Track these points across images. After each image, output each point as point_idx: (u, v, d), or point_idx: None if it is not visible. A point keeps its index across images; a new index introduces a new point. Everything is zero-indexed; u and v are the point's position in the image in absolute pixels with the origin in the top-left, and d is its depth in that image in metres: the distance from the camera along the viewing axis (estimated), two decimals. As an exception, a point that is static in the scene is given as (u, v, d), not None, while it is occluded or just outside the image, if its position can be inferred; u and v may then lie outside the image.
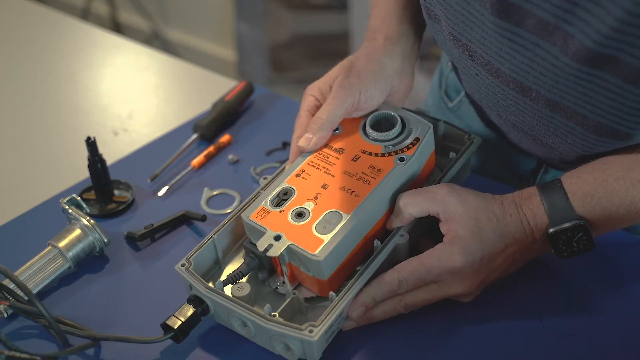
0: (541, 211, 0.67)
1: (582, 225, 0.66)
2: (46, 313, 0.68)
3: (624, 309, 0.70)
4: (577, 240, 0.67)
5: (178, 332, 0.66)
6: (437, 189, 0.69)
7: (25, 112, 1.08)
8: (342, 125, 0.76)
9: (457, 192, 0.69)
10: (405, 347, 0.68)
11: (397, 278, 0.67)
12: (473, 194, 0.69)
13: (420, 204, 0.69)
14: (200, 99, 1.06)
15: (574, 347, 0.67)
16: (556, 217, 0.67)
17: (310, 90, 0.79)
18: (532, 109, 0.71)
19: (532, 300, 0.71)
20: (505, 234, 0.67)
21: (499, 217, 0.67)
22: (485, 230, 0.67)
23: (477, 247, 0.66)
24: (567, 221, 0.66)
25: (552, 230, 0.67)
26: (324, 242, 0.66)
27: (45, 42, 1.26)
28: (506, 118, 0.77)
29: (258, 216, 0.69)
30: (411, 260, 0.68)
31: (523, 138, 0.78)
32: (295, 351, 0.64)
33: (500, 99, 0.74)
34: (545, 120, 0.72)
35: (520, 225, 0.67)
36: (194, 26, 2.90)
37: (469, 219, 0.67)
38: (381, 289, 0.68)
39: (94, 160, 0.83)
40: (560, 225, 0.66)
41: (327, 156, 0.73)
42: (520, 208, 0.68)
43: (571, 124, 0.69)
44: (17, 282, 0.70)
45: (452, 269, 0.66)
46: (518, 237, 0.67)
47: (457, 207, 0.67)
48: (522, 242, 0.68)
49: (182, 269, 0.68)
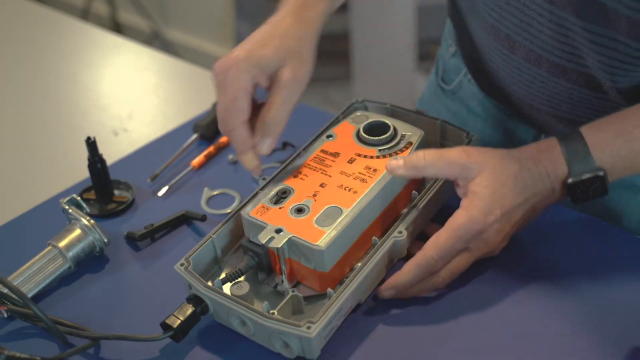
0: (561, 162, 0.69)
1: (602, 175, 0.68)
2: (43, 316, 0.68)
3: (624, 309, 0.70)
4: (593, 189, 0.68)
5: (177, 331, 0.66)
6: (455, 154, 0.70)
7: (25, 112, 1.08)
8: (335, 133, 0.78)
9: (474, 155, 0.69)
10: (405, 345, 0.68)
11: (432, 257, 0.68)
12: (488, 153, 0.70)
13: (441, 169, 0.70)
14: (200, 99, 1.06)
15: (574, 347, 0.67)
16: (576, 168, 0.68)
17: (245, 67, 0.70)
18: None
19: (532, 300, 0.71)
20: (524, 189, 0.69)
21: (516, 173, 0.69)
22: (503, 189, 0.68)
23: (497, 205, 0.68)
24: (587, 172, 0.68)
25: (571, 180, 0.68)
26: (326, 233, 0.66)
27: (45, 42, 1.26)
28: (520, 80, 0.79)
29: (258, 213, 0.70)
30: (438, 236, 0.68)
31: (532, 102, 0.81)
32: (293, 348, 0.64)
33: None
34: None
35: (539, 178, 0.69)
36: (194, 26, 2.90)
37: (487, 179, 0.68)
38: (415, 273, 0.69)
39: (94, 160, 0.83)
40: (580, 177, 0.68)
41: (323, 159, 0.75)
42: (539, 161, 0.69)
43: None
44: (11, 287, 0.69)
45: (477, 231, 0.68)
46: (536, 190, 0.69)
47: (475, 170, 0.69)
48: (540, 194, 0.69)
49: (181, 269, 0.68)
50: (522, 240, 0.77)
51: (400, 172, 0.71)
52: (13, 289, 0.69)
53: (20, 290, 0.69)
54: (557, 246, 0.77)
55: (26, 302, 0.68)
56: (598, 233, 0.79)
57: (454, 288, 0.73)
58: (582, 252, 0.76)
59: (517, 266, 0.75)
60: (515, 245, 0.77)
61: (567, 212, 0.82)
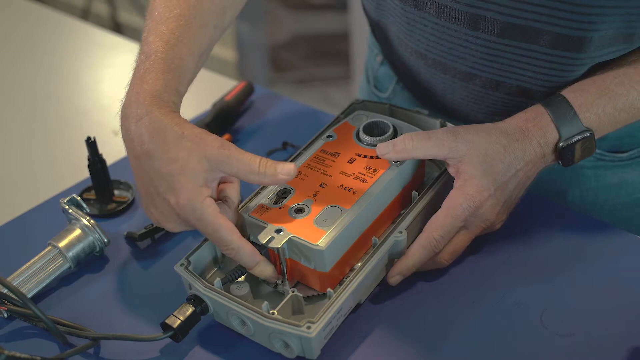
0: (551, 127, 0.70)
1: (590, 135, 0.70)
2: (43, 316, 0.68)
3: (624, 309, 0.70)
4: (582, 149, 0.71)
5: (177, 331, 0.66)
6: (442, 135, 0.71)
7: (25, 112, 1.08)
8: (335, 133, 0.78)
9: (460, 134, 0.70)
10: (404, 345, 0.68)
11: (433, 238, 0.70)
12: (474, 130, 0.71)
13: (429, 150, 0.71)
14: (200, 99, 1.06)
15: (574, 347, 0.67)
16: (566, 131, 0.70)
17: (199, 196, 0.65)
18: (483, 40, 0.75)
19: (532, 300, 0.71)
20: (514, 160, 0.70)
21: (505, 146, 0.70)
22: (494, 163, 0.69)
23: (490, 181, 0.69)
24: (577, 134, 0.70)
25: (562, 144, 0.70)
26: (325, 233, 0.66)
27: (45, 42, 1.26)
28: (454, 67, 0.80)
29: (258, 212, 0.69)
30: (436, 217, 0.70)
31: (467, 96, 0.82)
32: (293, 348, 0.64)
33: (452, 39, 0.77)
34: (495, 51, 0.75)
35: (529, 147, 0.70)
36: (194, 26, 2.89)
37: (476, 157, 0.69)
38: (420, 255, 0.70)
39: (94, 160, 0.83)
40: (570, 140, 0.70)
41: (323, 159, 0.75)
42: (528, 130, 0.70)
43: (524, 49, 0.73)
44: (10, 288, 0.69)
45: (474, 208, 0.69)
46: (527, 159, 0.70)
47: (463, 149, 0.70)
48: (531, 162, 0.71)
49: (181, 269, 0.68)
50: (522, 241, 0.77)
51: (390, 156, 0.72)
52: (13, 289, 0.69)
53: (20, 291, 0.69)
54: (557, 246, 0.77)
55: (26, 302, 0.68)
56: (598, 233, 0.79)
57: (454, 288, 0.73)
58: (582, 251, 0.76)
59: (517, 266, 0.75)
60: (515, 245, 0.77)
61: (568, 212, 0.82)
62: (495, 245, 0.77)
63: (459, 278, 0.74)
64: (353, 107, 0.83)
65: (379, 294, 0.72)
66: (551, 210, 0.82)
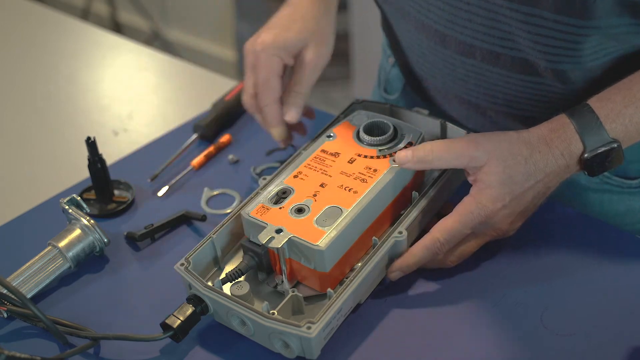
0: (575, 138, 0.69)
1: (617, 147, 0.68)
2: (42, 316, 0.68)
3: (624, 308, 0.70)
4: (609, 160, 0.69)
5: (177, 331, 0.66)
6: (463, 145, 0.70)
7: (25, 112, 1.08)
8: (335, 133, 0.78)
9: (482, 144, 0.69)
10: (404, 345, 0.68)
11: (438, 240, 0.69)
12: (497, 140, 0.70)
13: (450, 161, 0.71)
14: (200, 99, 1.06)
15: (574, 347, 0.67)
16: (591, 142, 0.68)
17: (273, 49, 0.81)
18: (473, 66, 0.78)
19: (532, 299, 0.71)
20: (534, 172, 0.69)
21: (527, 157, 0.69)
22: (513, 175, 0.68)
23: (506, 192, 0.68)
24: (602, 145, 0.68)
25: (587, 155, 0.68)
26: (326, 233, 0.66)
27: (45, 42, 1.26)
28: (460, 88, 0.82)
29: (258, 213, 0.69)
30: (446, 220, 0.70)
31: (467, 111, 0.84)
32: (293, 349, 0.64)
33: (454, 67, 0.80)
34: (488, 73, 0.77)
35: (552, 159, 0.69)
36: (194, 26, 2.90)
37: (496, 167, 0.68)
38: (421, 255, 0.70)
39: (94, 160, 0.83)
40: (596, 151, 0.68)
41: (323, 159, 0.75)
42: (551, 141, 0.69)
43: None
44: (10, 288, 0.69)
45: (485, 217, 0.69)
46: (548, 170, 0.69)
47: (483, 159, 0.69)
48: (553, 172, 0.69)
49: (181, 269, 0.68)
50: (522, 240, 0.77)
51: (409, 166, 0.72)
52: (12, 290, 0.69)
53: (20, 291, 0.69)
54: (557, 246, 0.77)
55: (25, 303, 0.68)
56: (598, 233, 0.79)
57: (454, 288, 0.73)
58: (583, 251, 0.76)
59: (517, 266, 0.75)
60: (515, 245, 0.77)
61: (568, 211, 0.82)
62: (496, 245, 0.77)
63: (459, 278, 0.74)
64: (353, 106, 0.83)
65: (379, 293, 0.72)
66: (551, 211, 0.82)
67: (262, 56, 0.81)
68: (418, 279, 0.74)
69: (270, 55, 0.80)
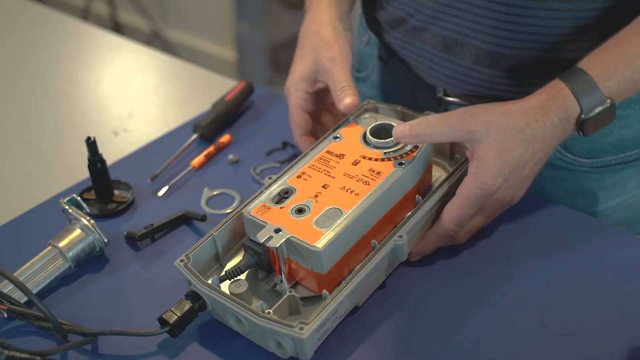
0: (572, 102, 0.69)
1: (611, 105, 0.69)
2: (46, 311, 0.68)
3: (624, 309, 0.70)
4: (602, 119, 0.70)
5: (174, 326, 0.67)
6: (459, 119, 0.70)
7: (25, 112, 1.08)
8: (342, 134, 0.78)
9: (479, 117, 0.70)
10: (402, 346, 0.68)
11: (450, 228, 0.72)
12: (494, 113, 0.70)
13: (447, 135, 0.71)
14: (200, 99, 1.06)
15: (574, 347, 0.67)
16: (587, 104, 0.69)
17: (294, 86, 0.83)
18: None
19: (532, 299, 0.71)
20: (532, 141, 0.69)
21: (524, 128, 0.69)
22: (511, 147, 0.69)
23: (505, 166, 0.69)
24: (598, 105, 0.69)
25: (584, 117, 0.69)
26: (324, 235, 0.66)
27: (45, 42, 1.26)
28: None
29: (259, 212, 0.70)
30: (452, 206, 0.71)
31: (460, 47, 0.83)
32: (287, 349, 0.64)
33: None
34: None
35: (550, 126, 0.69)
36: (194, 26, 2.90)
37: (494, 141, 0.69)
38: (436, 242, 0.73)
39: (94, 160, 0.83)
40: (593, 112, 0.69)
41: (327, 160, 0.74)
42: (548, 109, 0.69)
43: None
44: (16, 283, 0.70)
45: (488, 194, 0.70)
46: (547, 138, 0.70)
47: (481, 132, 0.69)
48: (550, 138, 0.70)
49: (180, 265, 0.68)
50: (522, 241, 0.77)
51: (407, 140, 0.72)
52: (19, 285, 0.70)
53: (26, 286, 0.70)
54: (557, 246, 0.77)
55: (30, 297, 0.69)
56: (598, 233, 0.79)
57: (454, 288, 0.73)
58: (582, 251, 0.76)
59: (517, 266, 0.75)
60: (515, 245, 0.77)
61: (568, 212, 0.82)
62: (496, 245, 0.77)
63: (459, 278, 0.74)
64: (363, 108, 0.83)
65: (378, 296, 0.72)
66: (551, 210, 0.82)
67: (287, 95, 0.84)
68: (417, 280, 0.74)
69: (292, 92, 0.84)
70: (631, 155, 0.85)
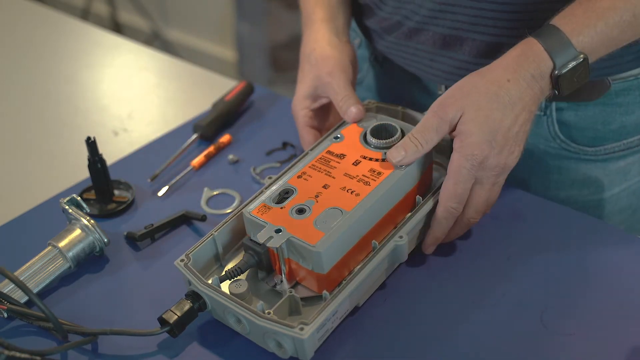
0: (544, 57, 0.69)
1: (584, 60, 0.69)
2: (47, 310, 0.68)
3: (624, 308, 0.70)
4: (577, 76, 0.69)
5: (174, 326, 0.67)
6: (432, 118, 0.71)
7: (25, 112, 1.08)
8: (343, 134, 0.78)
9: (449, 104, 0.70)
10: (402, 346, 0.68)
11: (450, 207, 0.71)
12: (460, 92, 0.70)
13: (433, 139, 0.71)
14: (200, 99, 1.06)
15: (574, 347, 0.67)
16: (560, 58, 0.69)
17: (299, 105, 0.85)
18: None
19: (532, 299, 0.71)
20: (510, 103, 0.69)
21: (497, 91, 0.69)
22: (489, 114, 0.69)
23: (488, 133, 0.69)
24: (572, 60, 0.69)
25: (557, 73, 0.69)
26: (324, 235, 0.66)
27: (45, 42, 1.26)
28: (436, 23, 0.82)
29: (259, 212, 0.69)
30: (446, 185, 0.71)
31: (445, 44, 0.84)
32: (287, 349, 0.64)
33: None
34: None
35: (524, 84, 0.69)
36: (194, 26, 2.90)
37: (471, 114, 0.69)
38: (443, 224, 0.72)
39: (94, 160, 0.83)
40: (566, 67, 0.69)
41: (328, 160, 0.74)
42: (520, 66, 0.69)
43: None
44: (17, 282, 0.70)
45: (478, 164, 0.69)
46: (525, 96, 0.69)
47: (456, 115, 0.69)
48: (529, 97, 0.69)
49: (180, 264, 0.68)
50: (522, 240, 0.77)
51: (407, 162, 0.72)
52: (19, 284, 0.70)
53: (26, 285, 0.70)
54: (557, 246, 0.77)
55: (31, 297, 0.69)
56: (598, 233, 0.79)
57: (454, 288, 0.73)
58: (582, 251, 0.76)
59: (517, 266, 0.75)
60: (515, 245, 0.77)
61: (568, 212, 0.82)
62: (495, 245, 0.77)
63: (458, 278, 0.74)
64: (364, 107, 0.83)
65: (378, 296, 0.72)
66: (551, 210, 0.82)
67: (294, 115, 0.86)
68: (417, 280, 0.74)
69: (298, 111, 0.85)
70: (633, 142, 0.85)
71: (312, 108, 0.85)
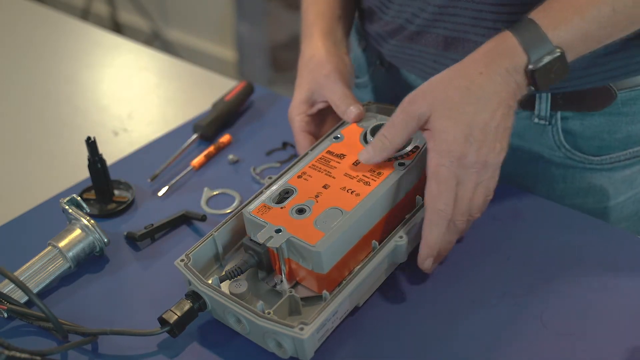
0: (518, 50, 0.67)
1: (561, 55, 0.67)
2: (47, 310, 0.68)
3: (624, 308, 0.70)
4: (554, 71, 0.67)
5: (174, 326, 0.67)
6: (401, 113, 0.69)
7: (25, 112, 1.08)
8: (343, 134, 0.78)
9: (418, 98, 0.69)
10: (401, 346, 0.68)
11: (439, 208, 0.67)
12: (431, 88, 0.69)
13: (402, 135, 0.70)
14: (200, 99, 1.06)
15: (574, 347, 0.67)
16: (535, 52, 0.67)
17: (296, 110, 0.85)
18: None
19: (532, 300, 0.71)
20: (484, 97, 0.67)
21: (468, 85, 0.67)
22: (461, 108, 0.67)
23: (462, 127, 0.66)
24: (547, 54, 0.67)
25: (532, 67, 0.67)
26: (324, 235, 0.66)
27: (45, 42, 1.26)
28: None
29: (259, 212, 0.69)
30: (429, 189, 0.68)
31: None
32: (287, 349, 0.64)
33: None
34: None
35: (498, 78, 0.67)
36: (194, 26, 2.90)
37: (442, 110, 0.67)
38: (435, 231, 0.68)
39: (94, 160, 0.83)
40: (541, 61, 0.67)
41: (328, 160, 0.74)
42: (492, 60, 0.68)
43: None
44: (17, 282, 0.70)
45: (457, 161, 0.66)
46: (500, 90, 0.67)
47: (426, 110, 0.68)
48: (505, 92, 0.68)
49: (180, 264, 0.68)
50: (522, 240, 0.77)
51: (377, 159, 0.72)
52: (19, 284, 0.70)
53: (26, 285, 0.70)
54: (557, 246, 0.77)
55: (31, 297, 0.69)
56: (598, 233, 0.79)
57: (454, 288, 0.73)
58: (582, 251, 0.76)
59: (517, 266, 0.75)
60: (515, 245, 0.77)
61: (568, 212, 0.82)
62: (495, 245, 0.77)
63: (458, 278, 0.74)
64: (365, 108, 0.83)
65: (378, 296, 0.72)
66: (551, 210, 0.82)
67: (290, 121, 0.85)
68: (417, 280, 0.74)
69: (294, 116, 0.85)
70: (639, 151, 0.85)
71: (309, 113, 0.85)
